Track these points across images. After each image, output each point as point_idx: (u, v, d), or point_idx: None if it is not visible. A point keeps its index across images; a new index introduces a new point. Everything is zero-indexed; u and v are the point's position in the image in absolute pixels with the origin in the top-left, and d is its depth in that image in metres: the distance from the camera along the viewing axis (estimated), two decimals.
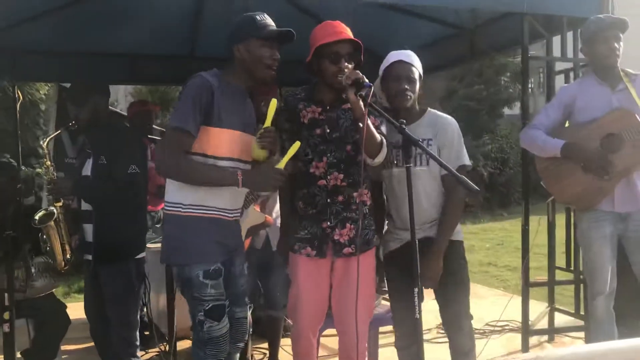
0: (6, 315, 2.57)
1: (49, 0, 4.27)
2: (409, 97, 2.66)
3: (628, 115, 2.99)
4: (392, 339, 2.88)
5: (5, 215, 2.63)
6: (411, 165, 2.13)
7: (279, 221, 3.44)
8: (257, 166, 2.42)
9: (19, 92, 6.15)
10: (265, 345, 4.08)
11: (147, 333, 4.31)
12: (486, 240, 10.62)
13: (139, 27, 4.87)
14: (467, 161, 2.72)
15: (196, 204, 2.39)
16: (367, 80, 2.35)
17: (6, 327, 2.58)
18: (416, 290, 2.00)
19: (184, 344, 4.29)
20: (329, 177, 2.57)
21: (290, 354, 3.87)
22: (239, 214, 2.59)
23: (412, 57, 2.72)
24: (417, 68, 2.72)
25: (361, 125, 2.35)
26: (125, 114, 6.08)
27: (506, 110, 16.92)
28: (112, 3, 4.23)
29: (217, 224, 2.44)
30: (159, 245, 3.92)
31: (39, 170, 7.76)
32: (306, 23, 3.12)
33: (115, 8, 4.40)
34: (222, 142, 2.40)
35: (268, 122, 2.42)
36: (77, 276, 7.29)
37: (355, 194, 2.59)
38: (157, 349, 4.16)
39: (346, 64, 2.49)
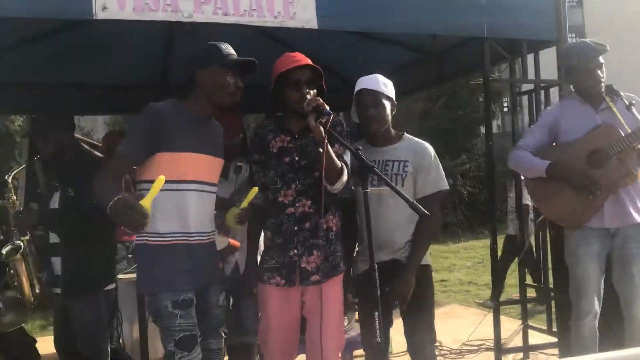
0: None
1: (22, 32, 4.29)
2: (373, 123, 2.74)
3: (611, 131, 3.03)
4: None
5: None
6: (368, 190, 2.17)
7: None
8: (124, 197, 2.11)
9: None
10: None
11: None
12: (467, 259, 10.68)
13: (112, 58, 4.91)
14: (445, 186, 2.79)
15: (162, 231, 2.38)
16: (327, 108, 2.40)
17: None
18: (376, 314, 2.02)
19: None
20: (297, 204, 2.58)
21: None
22: (206, 238, 2.54)
23: (377, 83, 2.78)
24: (385, 92, 2.76)
25: (321, 150, 2.38)
26: (99, 144, 6.09)
27: (482, 129, 17.16)
28: (85, 35, 4.26)
29: (186, 251, 2.42)
30: (132, 275, 3.94)
31: None
32: (274, 49, 3.18)
33: (88, 40, 4.43)
34: (181, 166, 2.41)
35: (245, 204, 2.58)
36: (49, 310, 7.19)
37: (322, 220, 2.59)
38: None
39: (308, 90, 2.53)
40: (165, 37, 4.77)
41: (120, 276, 3.65)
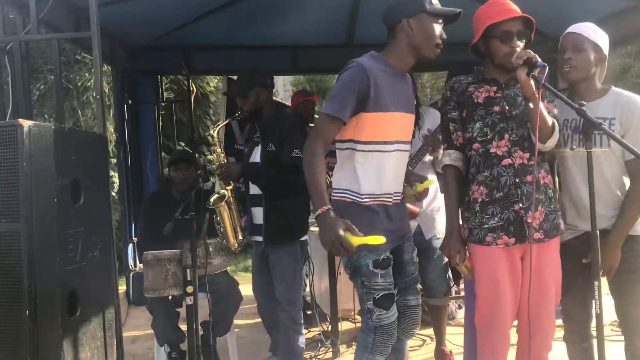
0: (189, 289, 2.79)
1: None
2: (571, 70, 2.50)
3: None
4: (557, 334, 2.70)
5: (188, 199, 2.86)
6: (592, 150, 1.98)
7: (429, 209, 3.47)
8: (335, 220, 2.17)
9: (192, 85, 6.72)
10: (423, 332, 4.07)
11: (309, 312, 4.50)
12: None
13: (299, 19, 5.07)
14: None
15: (361, 192, 2.37)
16: (540, 60, 2.22)
17: (189, 300, 2.82)
18: (596, 283, 1.87)
19: (345, 325, 4.40)
20: (513, 155, 2.42)
21: (452, 343, 3.82)
22: (400, 197, 2.53)
23: (584, 27, 2.54)
24: (591, 37, 2.51)
25: (532, 106, 2.22)
26: (287, 103, 6.38)
27: None
28: None
29: (385, 211, 2.42)
30: None
31: (210, 157, 8.39)
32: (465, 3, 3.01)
33: (278, 2, 4.60)
34: (385, 126, 2.37)
35: (421, 188, 3.01)
36: (242, 256, 7.80)
37: (540, 175, 2.44)
38: (319, 328, 4.32)
39: (518, 42, 2.37)
40: None
41: (311, 229, 3.80)
